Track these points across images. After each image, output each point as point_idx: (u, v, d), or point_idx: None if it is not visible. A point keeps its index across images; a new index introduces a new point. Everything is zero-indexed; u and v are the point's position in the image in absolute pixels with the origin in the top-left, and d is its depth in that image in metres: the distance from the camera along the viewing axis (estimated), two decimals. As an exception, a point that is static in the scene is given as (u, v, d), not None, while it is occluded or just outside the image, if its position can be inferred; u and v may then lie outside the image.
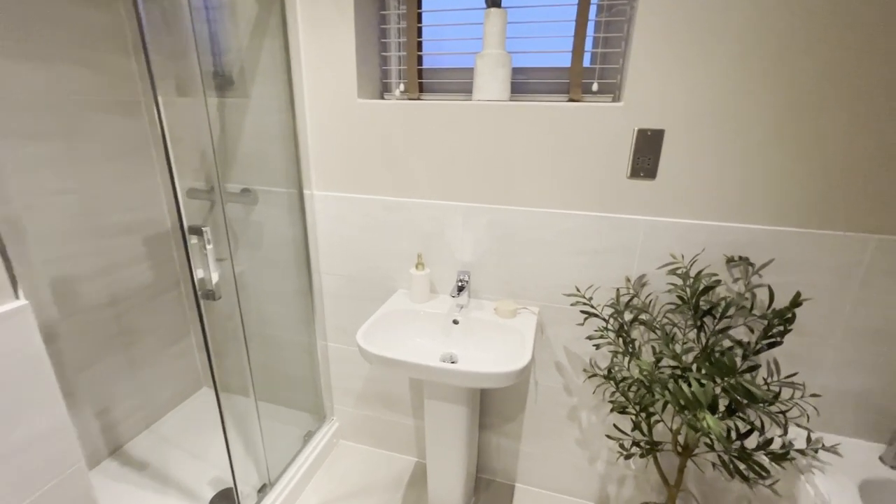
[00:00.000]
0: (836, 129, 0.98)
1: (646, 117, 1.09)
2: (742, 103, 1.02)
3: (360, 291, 1.51)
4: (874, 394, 1.14)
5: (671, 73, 1.04)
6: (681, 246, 1.15)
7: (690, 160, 1.09)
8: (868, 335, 1.09)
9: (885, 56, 0.92)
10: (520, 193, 1.25)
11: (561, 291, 1.29)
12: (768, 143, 1.03)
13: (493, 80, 1.19)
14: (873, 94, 0.94)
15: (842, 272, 1.06)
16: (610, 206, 1.18)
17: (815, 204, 1.04)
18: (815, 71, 0.96)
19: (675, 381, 0.96)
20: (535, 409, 1.47)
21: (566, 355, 1.36)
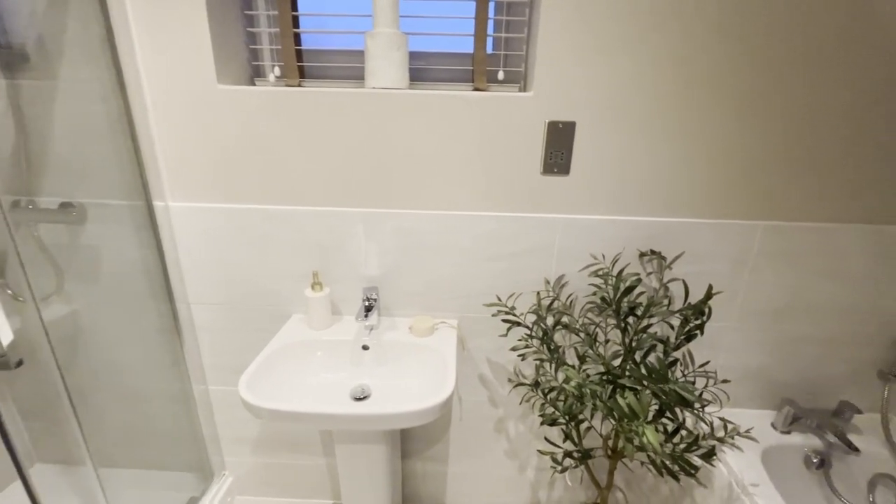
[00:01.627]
0: (726, 125, 1.01)
1: (556, 109, 1.02)
2: (645, 96, 0.99)
3: (245, 321, 1.24)
4: (765, 368, 1.23)
5: (579, 61, 0.98)
6: (596, 242, 1.11)
7: (602, 154, 1.05)
8: (759, 315, 1.17)
9: (765, 63, 0.95)
10: (429, 195, 1.10)
11: (480, 300, 1.18)
12: (671, 137, 1.02)
13: (388, 65, 1.02)
14: (755, 96, 0.98)
15: (737, 258, 1.11)
16: (525, 206, 1.10)
17: (713, 195, 1.07)
18: (707, 69, 0.96)
19: (607, 391, 0.90)
20: (460, 427, 1.36)
21: (489, 367, 1.26)
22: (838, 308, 1.15)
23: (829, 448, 1.17)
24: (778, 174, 1.04)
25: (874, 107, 0.98)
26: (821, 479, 1.21)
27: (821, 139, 1.01)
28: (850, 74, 0.96)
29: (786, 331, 1.18)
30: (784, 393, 1.25)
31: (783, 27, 0.93)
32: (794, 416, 1.19)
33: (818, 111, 0.99)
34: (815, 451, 1.19)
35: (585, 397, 0.92)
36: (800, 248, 1.10)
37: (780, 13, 0.92)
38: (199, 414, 1.35)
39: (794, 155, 1.03)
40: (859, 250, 1.09)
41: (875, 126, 0.99)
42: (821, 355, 1.20)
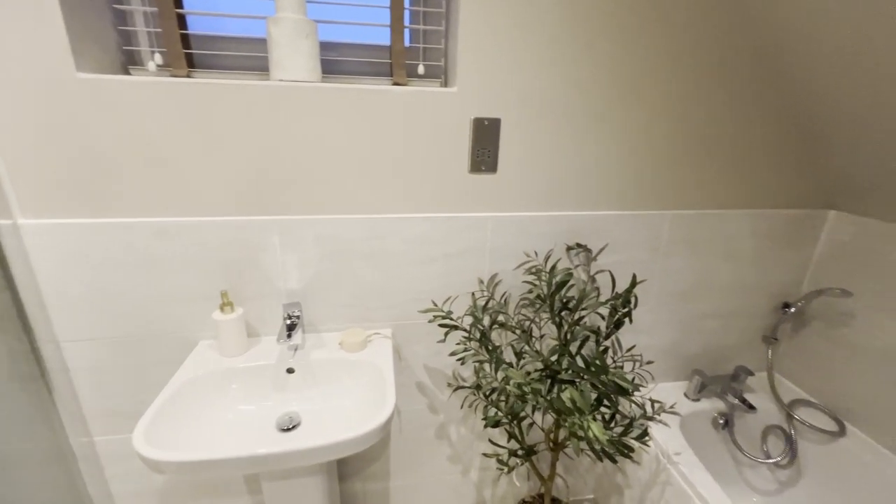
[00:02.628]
0: (638, 124, 1.06)
1: (481, 105, 0.99)
2: (567, 93, 1.01)
3: (139, 356, 1.05)
4: (676, 344, 1.34)
5: (502, 56, 0.96)
6: (526, 239, 1.12)
7: (527, 151, 1.05)
8: (671, 297, 1.27)
9: (671, 71, 1.01)
10: (352, 199, 1.01)
11: (414, 307, 1.12)
12: (591, 134, 1.05)
13: (296, 55, 0.91)
14: (663, 99, 1.04)
15: (651, 246, 1.19)
16: (455, 206, 1.06)
17: (629, 188, 1.13)
18: (622, 71, 1.01)
19: (547, 388, 0.90)
20: (400, 440, 1.30)
21: (427, 373, 1.22)
22: (733, 285, 1.29)
23: (732, 409, 1.32)
24: (680, 168, 1.13)
25: (750, 108, 1.10)
26: (726, 438, 1.36)
27: (713, 137, 1.11)
28: (731, 81, 1.06)
29: (692, 309, 1.30)
30: (693, 364, 1.38)
31: (686, 42, 1.00)
32: (702, 385, 1.32)
33: (710, 113, 1.08)
34: (720, 413, 1.33)
35: (527, 395, 0.91)
36: (700, 234, 1.21)
37: (681, 33, 0.99)
38: (81, 472, 1.12)
39: (693, 151, 1.12)
40: (748, 233, 1.23)
41: (753, 124, 1.12)
42: (720, 328, 1.35)
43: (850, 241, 1.21)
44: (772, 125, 1.13)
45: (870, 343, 1.17)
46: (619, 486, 1.34)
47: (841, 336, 1.24)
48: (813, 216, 1.26)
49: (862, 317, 1.18)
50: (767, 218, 1.23)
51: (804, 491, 1.28)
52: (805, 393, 1.35)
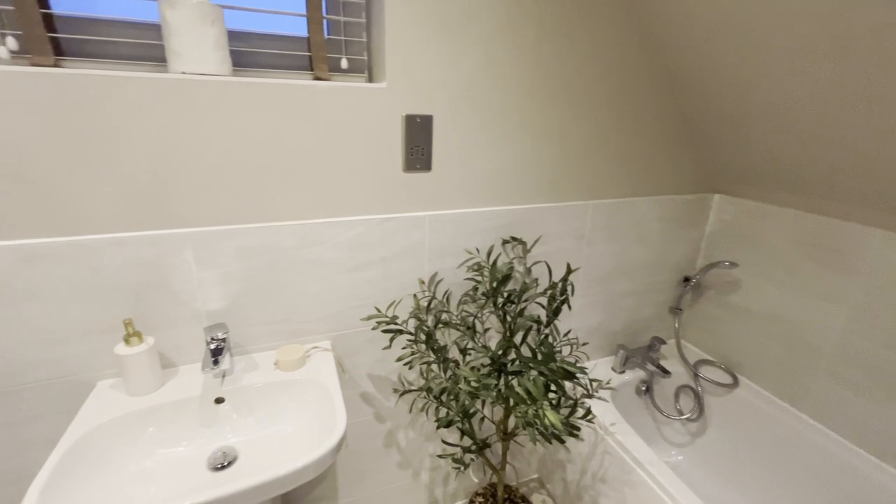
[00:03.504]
0: (562, 120, 1.12)
1: (412, 101, 0.96)
2: (497, 89, 1.02)
3: (18, 410, 0.85)
4: (603, 323, 1.45)
5: (432, 51, 0.94)
6: (465, 236, 1.12)
7: (461, 148, 1.05)
8: (597, 280, 1.36)
9: (589, 72, 1.08)
10: (278, 204, 0.93)
11: (356, 315, 1.07)
12: (522, 129, 1.08)
13: (200, 45, 0.80)
14: (582, 97, 1.11)
15: (577, 234, 1.27)
16: (391, 206, 1.03)
17: (557, 181, 1.18)
18: (547, 68, 1.05)
19: (498, 380, 0.92)
20: (348, 455, 1.23)
21: (372, 382, 1.17)
22: (645, 264, 1.43)
23: (651, 376, 1.47)
24: (598, 162, 1.22)
25: (651, 109, 1.22)
26: (647, 402, 1.51)
27: (622, 134, 1.21)
28: (635, 85, 1.16)
29: (613, 290, 1.41)
30: (617, 340, 1.51)
31: (596, 48, 1.07)
32: (626, 358, 1.45)
33: (618, 113, 1.18)
34: (642, 381, 1.48)
35: (479, 392, 0.92)
36: (617, 221, 1.31)
37: (594, 40, 1.06)
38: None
39: (607, 146, 1.21)
40: (655, 217, 1.37)
41: (654, 122, 1.24)
42: (637, 304, 1.49)
43: (732, 219, 1.41)
44: (669, 123, 1.26)
45: (753, 306, 1.37)
46: (561, 462, 1.42)
47: (731, 301, 1.44)
48: (703, 200, 1.44)
49: (746, 284, 1.39)
50: (668, 203, 1.38)
51: (711, 437, 1.48)
52: (706, 354, 1.55)
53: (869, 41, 0.81)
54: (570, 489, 1.38)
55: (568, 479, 1.39)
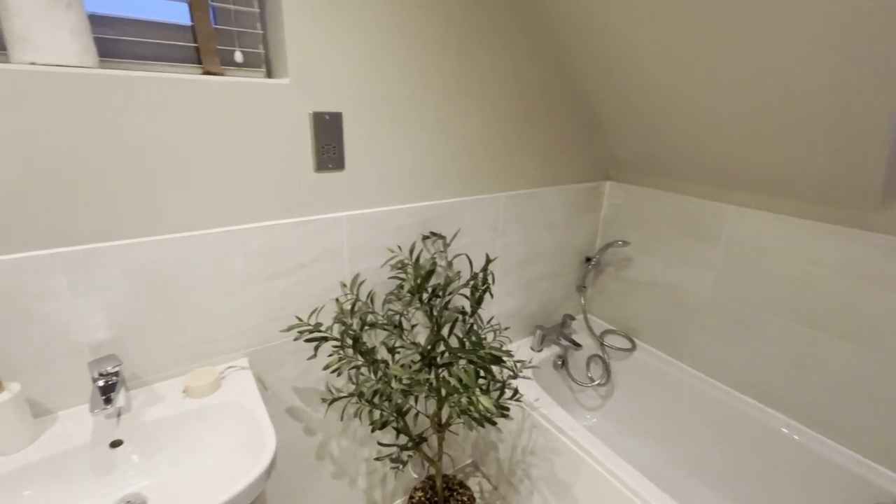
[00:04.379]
0: (471, 115, 1.15)
1: (319, 98, 0.92)
2: (408, 86, 1.02)
3: None
4: (521, 307, 1.55)
5: (338, 46, 0.90)
6: (385, 234, 1.11)
7: (374, 145, 1.03)
8: (512, 267, 1.44)
9: (496, 72, 1.12)
10: (173, 214, 0.83)
11: (275, 327, 1.00)
12: (434, 125, 1.10)
13: (53, 30, 0.68)
14: (488, 94, 1.15)
15: (491, 225, 1.33)
16: (304, 209, 0.97)
17: (470, 175, 1.22)
18: (456, 66, 1.07)
19: (436, 374, 0.93)
20: (277, 476, 1.16)
21: (298, 395, 1.11)
22: (553, 249, 1.55)
23: (565, 351, 1.60)
24: (508, 155, 1.28)
25: (551, 105, 1.31)
26: (564, 374, 1.65)
27: (527, 129, 1.29)
28: (533, 83, 1.25)
29: (528, 275, 1.51)
30: (534, 321, 1.62)
31: (502, 46, 1.12)
32: (543, 336, 1.56)
33: (524, 108, 1.25)
34: (557, 356, 1.60)
35: (413, 388, 0.92)
36: (527, 211, 1.40)
37: (501, 39, 1.10)
38: None
39: (515, 140, 1.28)
40: (559, 205, 1.48)
41: (555, 118, 1.34)
42: (549, 286, 1.61)
43: (622, 203, 1.59)
44: (566, 119, 1.37)
45: (642, 277, 1.57)
46: (493, 444, 1.49)
47: (625, 276, 1.63)
48: (597, 187, 1.60)
49: (636, 259, 1.57)
50: (570, 192, 1.50)
51: (618, 398, 1.66)
52: (609, 324, 1.73)
53: (734, 41, 0.96)
54: (504, 467, 1.46)
55: (501, 458, 1.47)
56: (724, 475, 1.37)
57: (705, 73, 1.04)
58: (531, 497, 1.36)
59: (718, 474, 1.38)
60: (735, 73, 0.99)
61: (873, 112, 0.86)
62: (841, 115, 0.91)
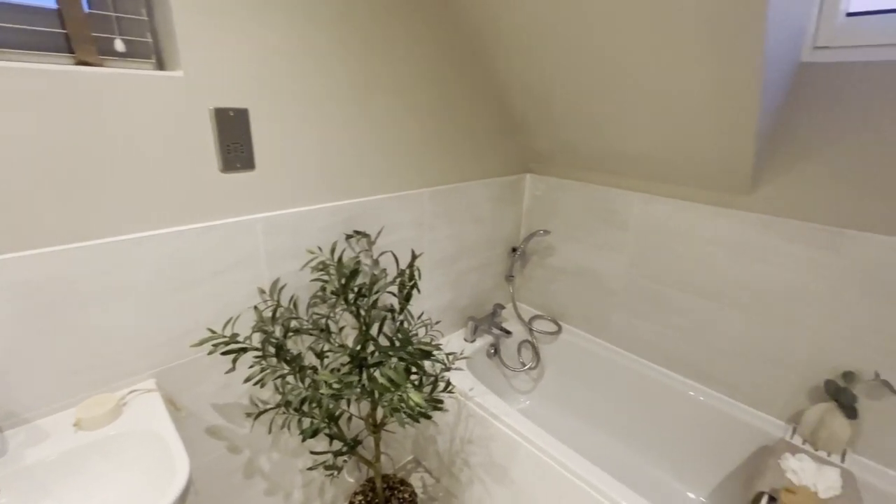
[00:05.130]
0: (391, 111, 1.14)
1: (220, 93, 0.85)
2: (320, 80, 0.98)
3: None
4: (453, 300, 1.57)
5: (240, 38, 0.84)
6: (305, 235, 1.06)
7: (288, 143, 0.98)
8: (441, 262, 1.46)
9: (412, 68, 1.11)
10: (53, 223, 0.72)
11: (187, 342, 0.92)
12: (350, 122, 1.07)
13: None
14: (407, 90, 1.14)
15: (417, 221, 1.33)
16: (213, 212, 0.90)
17: (392, 171, 1.21)
18: (369, 61, 1.04)
19: (361, 375, 0.91)
20: (200, 502, 1.07)
21: (218, 412, 1.03)
22: (481, 242, 1.58)
23: (497, 339, 1.66)
24: (430, 151, 1.29)
25: (472, 101, 1.34)
26: (497, 362, 1.70)
27: (448, 125, 1.30)
28: (455, 80, 1.26)
29: (458, 269, 1.53)
30: (467, 313, 1.65)
31: (422, 39, 1.11)
32: (475, 327, 1.60)
33: (445, 105, 1.26)
34: (490, 345, 1.65)
35: (343, 392, 0.90)
36: (453, 205, 1.42)
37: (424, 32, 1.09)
38: None
39: (437, 136, 1.28)
40: (484, 198, 1.52)
41: (476, 114, 1.37)
42: (479, 278, 1.65)
43: (542, 194, 1.67)
44: (485, 115, 1.40)
45: (564, 264, 1.66)
46: (432, 438, 1.50)
47: (549, 263, 1.71)
48: (519, 179, 1.66)
49: (558, 247, 1.66)
50: (494, 185, 1.55)
51: (549, 379, 1.75)
52: (537, 310, 1.81)
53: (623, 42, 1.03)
54: (444, 459, 1.48)
55: (440, 451, 1.48)
56: (643, 436, 1.50)
57: (601, 74, 1.12)
58: (472, 485, 1.39)
59: (638, 436, 1.52)
60: (625, 75, 1.08)
61: (743, 109, 0.98)
62: (716, 113, 1.02)
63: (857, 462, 1.10)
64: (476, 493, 1.39)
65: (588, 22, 1.02)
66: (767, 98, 0.97)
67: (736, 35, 0.85)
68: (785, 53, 0.96)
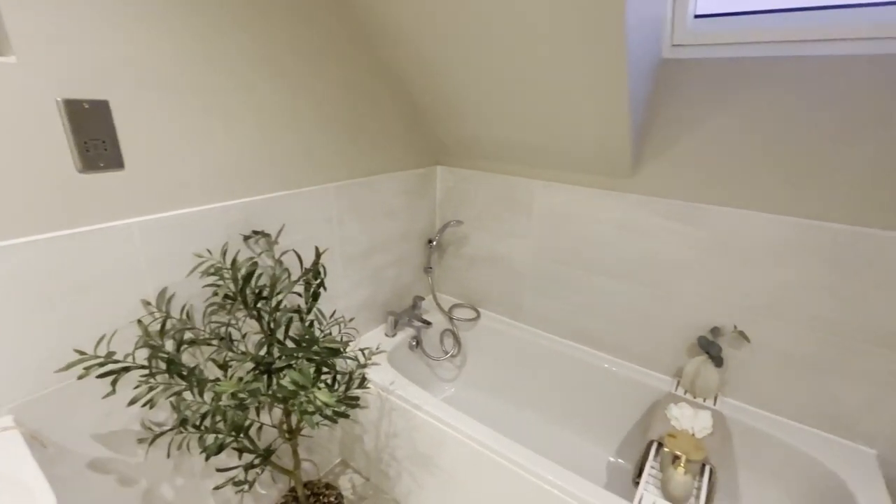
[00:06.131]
0: (284, 104, 1.08)
1: (70, 82, 0.75)
2: (201, 69, 0.90)
3: None
4: (371, 296, 1.55)
5: (93, 15, 0.75)
6: (194, 239, 0.98)
7: (164, 138, 0.89)
8: (355, 258, 1.43)
9: (307, 63, 1.06)
10: None
11: (50, 367, 0.80)
12: (240, 116, 1.00)
13: None
14: (304, 83, 1.09)
15: (325, 218, 1.29)
16: (75, 218, 0.80)
17: (291, 167, 1.16)
18: (258, 55, 0.98)
19: (266, 383, 0.87)
20: (88, 545, 0.95)
21: (102, 442, 0.92)
22: (397, 236, 1.58)
23: (418, 331, 1.67)
24: (334, 145, 1.25)
25: (379, 95, 1.32)
26: (420, 353, 1.71)
27: (354, 118, 1.28)
28: (361, 74, 1.23)
29: (374, 264, 1.52)
30: (386, 308, 1.64)
31: (312, 29, 1.06)
32: (396, 321, 1.60)
33: (348, 98, 1.23)
34: (412, 337, 1.66)
35: (247, 401, 0.85)
36: (363, 200, 1.40)
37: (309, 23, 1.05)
38: None
39: (340, 130, 1.25)
40: (396, 192, 1.52)
41: (383, 107, 1.35)
42: (397, 272, 1.64)
43: (453, 186, 1.70)
44: (391, 109, 1.40)
45: (478, 252, 1.72)
46: (358, 437, 1.48)
47: (464, 253, 1.76)
48: (429, 172, 1.68)
49: (471, 236, 1.71)
50: (405, 178, 1.55)
51: (471, 365, 1.81)
52: (456, 299, 1.86)
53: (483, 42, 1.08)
54: (371, 456, 1.47)
55: (367, 449, 1.47)
56: (560, 407, 1.61)
57: (495, 71, 1.17)
58: (400, 478, 1.40)
59: (556, 407, 1.62)
60: (515, 70, 1.14)
61: (616, 101, 1.08)
62: (595, 105, 1.12)
63: (727, 404, 1.28)
64: (405, 486, 1.40)
65: (477, 20, 1.06)
66: (636, 91, 1.08)
67: (601, 35, 0.93)
68: (647, 50, 1.07)
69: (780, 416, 1.23)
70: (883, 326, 1.04)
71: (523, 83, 1.17)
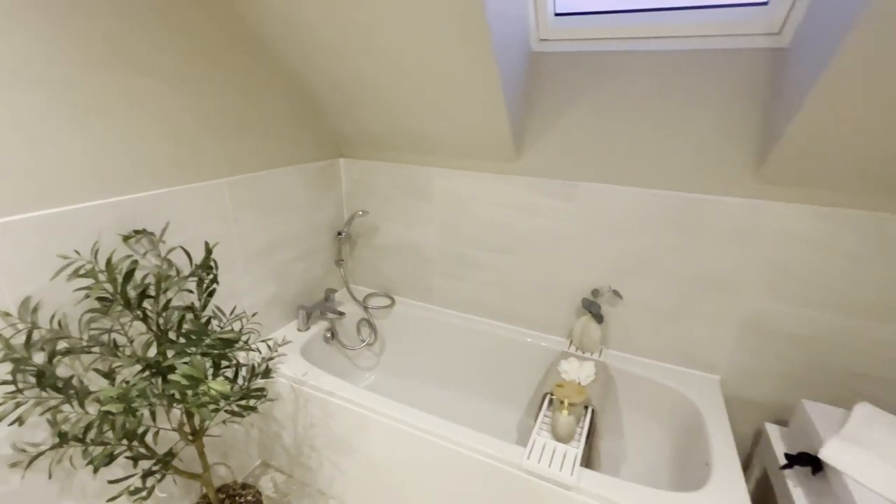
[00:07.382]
0: (166, 99, 1.03)
1: None
2: (64, 60, 0.84)
3: None
4: (278, 293, 1.53)
5: None
6: (65, 242, 0.91)
7: (19, 135, 0.82)
8: (257, 255, 1.40)
9: (200, 56, 1.02)
10: None
11: None
12: (111, 112, 0.94)
13: None
14: (189, 76, 1.05)
15: (219, 214, 1.25)
16: None
17: (176, 163, 1.11)
18: (138, 49, 0.92)
19: (158, 383, 0.84)
20: (-45, 589, 0.86)
21: (-36, 472, 0.83)
22: (302, 230, 1.57)
23: (332, 323, 1.68)
24: (225, 139, 1.22)
25: (273, 88, 1.30)
26: (336, 345, 1.73)
27: (247, 111, 1.25)
28: (253, 67, 1.21)
29: (279, 259, 1.50)
30: (297, 302, 1.63)
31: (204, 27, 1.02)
32: (308, 315, 1.59)
33: (240, 92, 1.20)
34: (327, 329, 1.67)
35: (136, 402, 0.82)
36: (261, 194, 1.37)
37: None
38: None
39: (233, 120, 1.22)
40: (298, 185, 1.51)
41: (279, 101, 1.33)
42: (306, 266, 1.63)
43: (357, 177, 1.73)
44: (284, 102, 1.38)
45: (387, 241, 1.76)
46: (276, 434, 1.46)
47: (374, 243, 1.80)
48: (333, 164, 1.69)
49: (379, 226, 1.75)
50: (306, 171, 1.54)
51: (389, 352, 1.86)
52: (371, 288, 1.89)
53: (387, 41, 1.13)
54: (291, 452, 1.46)
55: (286, 445, 1.46)
56: (476, 380, 1.72)
57: (387, 65, 1.22)
58: (322, 467, 1.41)
59: (473, 381, 1.73)
60: (403, 65, 1.19)
61: (492, 92, 1.18)
62: (474, 96, 1.21)
63: (608, 354, 1.47)
64: (327, 475, 1.41)
65: (369, 12, 1.09)
66: (509, 80, 1.19)
67: (467, 27, 1.02)
68: (516, 44, 1.18)
69: (649, 358, 1.45)
70: (713, 274, 1.27)
71: (415, 75, 1.24)
